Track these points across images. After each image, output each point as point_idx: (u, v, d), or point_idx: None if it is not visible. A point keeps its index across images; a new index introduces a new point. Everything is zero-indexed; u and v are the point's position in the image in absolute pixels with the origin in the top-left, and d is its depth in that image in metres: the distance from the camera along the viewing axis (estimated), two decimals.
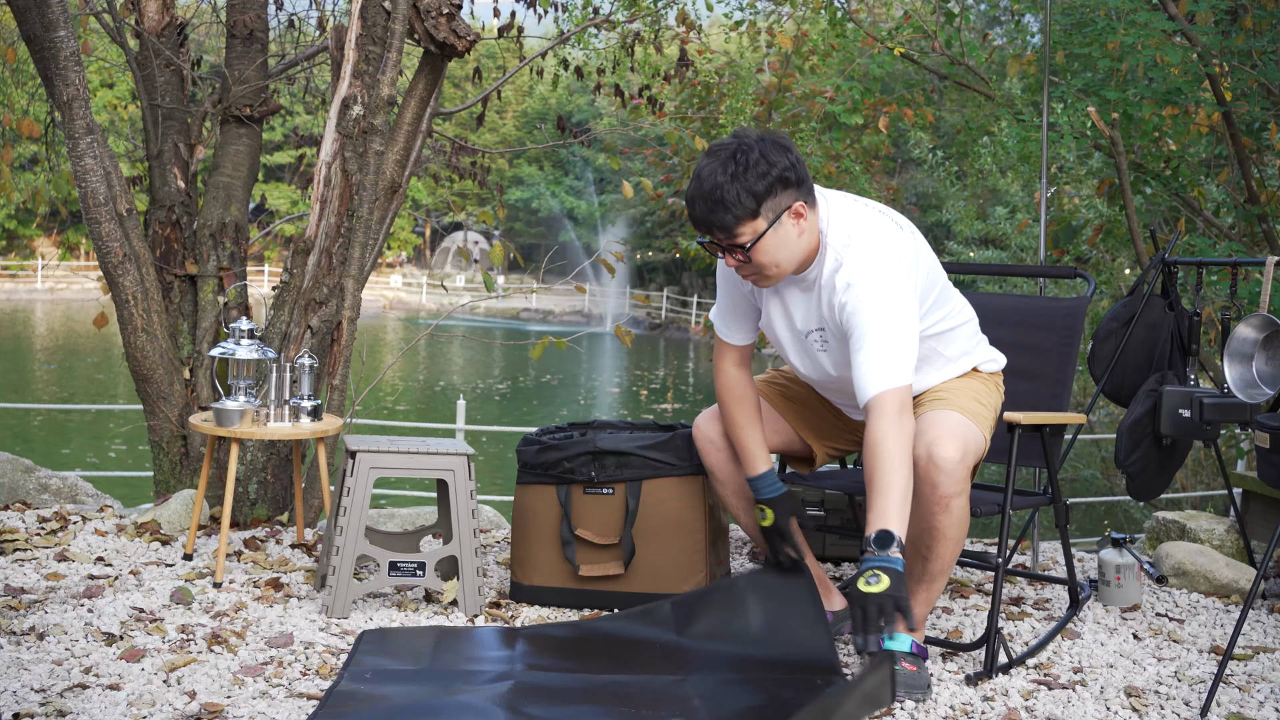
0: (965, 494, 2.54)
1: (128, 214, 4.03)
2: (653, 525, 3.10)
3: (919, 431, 2.57)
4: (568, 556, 3.13)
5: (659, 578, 3.09)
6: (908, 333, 2.47)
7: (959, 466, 2.51)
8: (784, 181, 2.42)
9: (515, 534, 3.23)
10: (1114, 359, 3.66)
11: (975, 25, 10.16)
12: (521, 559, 3.21)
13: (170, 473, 4.16)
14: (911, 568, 2.60)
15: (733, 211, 2.40)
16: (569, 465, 3.15)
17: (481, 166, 6.58)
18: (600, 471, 3.12)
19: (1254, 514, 4.12)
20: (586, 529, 3.14)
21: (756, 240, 2.44)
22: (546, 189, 36.28)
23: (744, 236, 2.43)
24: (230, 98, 4.37)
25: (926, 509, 2.53)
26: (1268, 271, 3.45)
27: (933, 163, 12.41)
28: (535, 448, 3.21)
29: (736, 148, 2.42)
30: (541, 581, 3.18)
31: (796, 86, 7.08)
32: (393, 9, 3.88)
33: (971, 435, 2.59)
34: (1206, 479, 8.04)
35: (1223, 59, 5.22)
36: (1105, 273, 8.11)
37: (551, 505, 3.17)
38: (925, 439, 2.54)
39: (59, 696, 2.41)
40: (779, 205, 2.43)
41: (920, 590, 2.64)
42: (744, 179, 2.39)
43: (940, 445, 2.52)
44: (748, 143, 2.43)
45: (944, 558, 2.58)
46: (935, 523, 2.54)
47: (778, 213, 2.43)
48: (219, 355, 3.43)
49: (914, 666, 2.56)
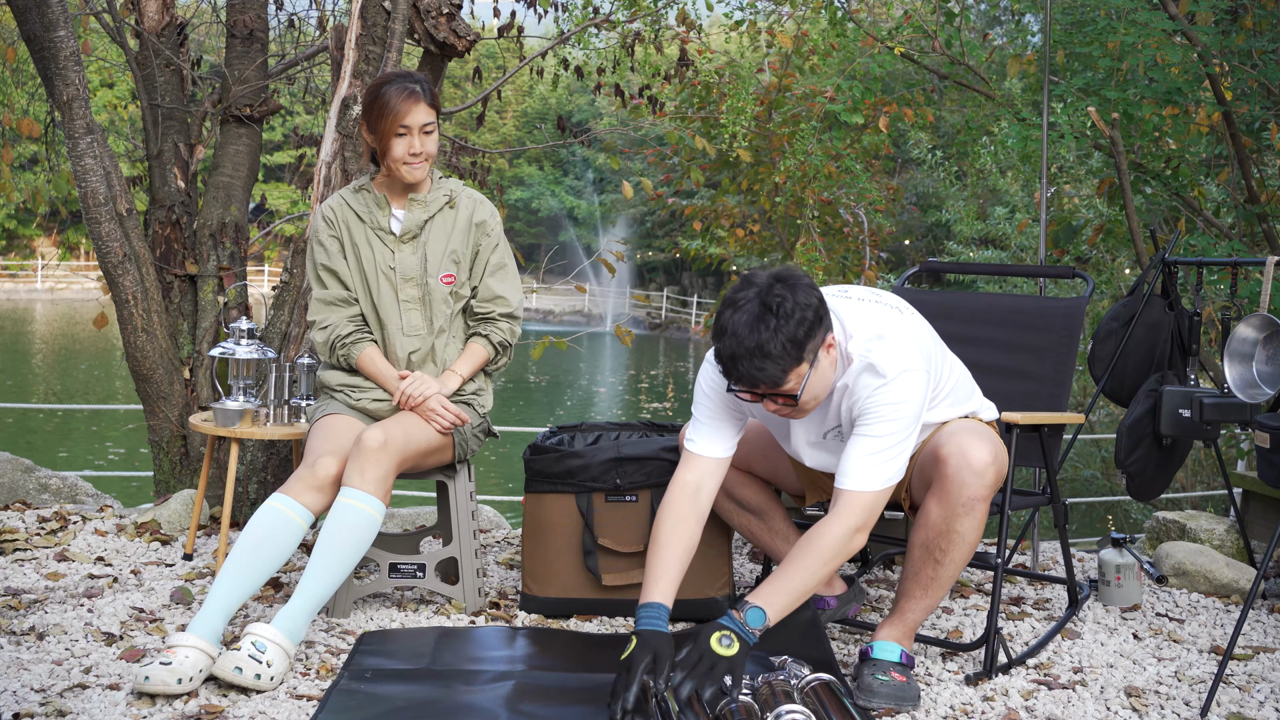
0: (988, 502, 2.53)
1: (128, 214, 4.04)
2: None
3: (949, 433, 2.57)
4: (590, 567, 3.05)
5: (684, 583, 2.99)
6: (904, 446, 2.47)
7: (990, 469, 2.51)
8: (819, 321, 2.38)
9: (527, 545, 3.13)
10: (1114, 359, 3.65)
11: (975, 25, 10.16)
12: (535, 570, 3.11)
13: (170, 473, 4.16)
14: (920, 571, 2.59)
15: (780, 364, 2.34)
16: (592, 473, 3.06)
17: (482, 166, 6.58)
18: (624, 478, 3.05)
19: (1254, 514, 4.12)
20: (609, 538, 3.06)
21: (803, 384, 2.39)
22: (546, 189, 36.27)
23: (791, 384, 2.38)
24: (230, 98, 4.37)
25: (950, 510, 2.52)
26: (1268, 271, 3.45)
27: (933, 163, 12.41)
28: (553, 455, 3.10)
29: (765, 298, 2.34)
30: (559, 593, 3.09)
31: (796, 86, 7.07)
32: (393, 9, 3.88)
33: (1000, 447, 2.59)
34: (1206, 479, 8.04)
35: (1223, 59, 5.22)
36: (1105, 273, 8.11)
37: (570, 514, 3.08)
38: (957, 440, 2.53)
39: (59, 696, 2.41)
40: (817, 345, 2.39)
41: (922, 596, 2.60)
42: (785, 330, 2.32)
43: (974, 446, 2.52)
44: (775, 291, 2.35)
45: (955, 563, 2.56)
46: (956, 525, 2.52)
47: (816, 352, 2.39)
48: (219, 355, 3.43)
49: (903, 677, 2.54)
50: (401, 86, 2.99)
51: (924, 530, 2.57)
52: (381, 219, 3.08)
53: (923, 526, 2.57)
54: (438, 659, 2.70)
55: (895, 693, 2.50)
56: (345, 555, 2.73)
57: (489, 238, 3.16)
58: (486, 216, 3.16)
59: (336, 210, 3.10)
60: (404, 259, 3.07)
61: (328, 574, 2.71)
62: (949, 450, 2.53)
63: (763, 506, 2.95)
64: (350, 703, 2.43)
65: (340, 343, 3.04)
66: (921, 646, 2.88)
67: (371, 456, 2.78)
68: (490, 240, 3.16)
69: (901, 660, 2.56)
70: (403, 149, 2.99)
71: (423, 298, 3.08)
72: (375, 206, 3.08)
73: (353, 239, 3.07)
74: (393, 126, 2.97)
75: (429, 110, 3.01)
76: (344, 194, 3.12)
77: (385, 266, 3.06)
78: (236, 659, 2.47)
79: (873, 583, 3.53)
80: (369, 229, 3.07)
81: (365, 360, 3.04)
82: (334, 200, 3.12)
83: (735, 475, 2.91)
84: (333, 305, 3.07)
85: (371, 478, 2.77)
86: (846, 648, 2.91)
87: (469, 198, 3.17)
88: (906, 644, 2.61)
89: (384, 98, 2.97)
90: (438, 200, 3.11)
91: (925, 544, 2.56)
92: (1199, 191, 6.24)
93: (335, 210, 3.10)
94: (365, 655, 2.71)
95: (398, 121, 2.96)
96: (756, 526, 2.96)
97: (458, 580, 3.12)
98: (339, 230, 3.08)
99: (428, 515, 4.14)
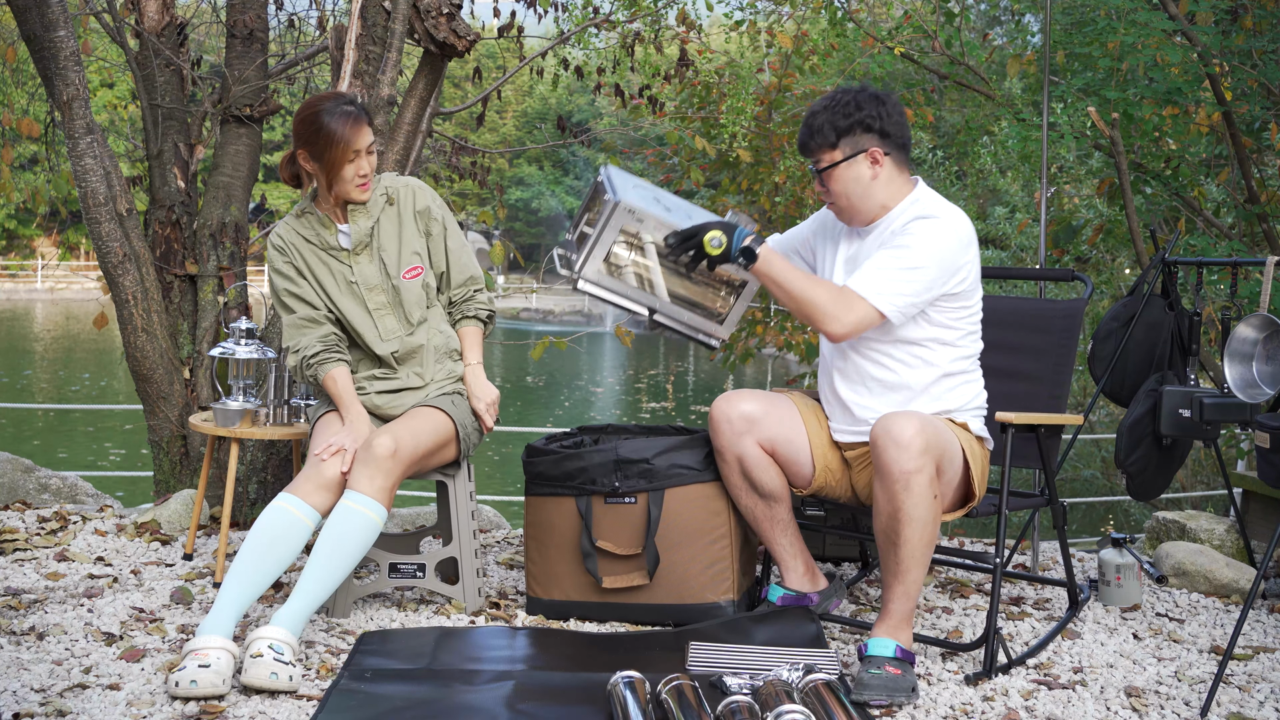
0: (925, 474, 2.55)
1: (128, 214, 4.04)
2: (677, 534, 3.01)
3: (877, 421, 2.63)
4: (589, 569, 3.04)
5: (684, 588, 3.00)
6: (920, 279, 2.72)
7: (916, 438, 2.54)
8: (865, 126, 2.77)
9: (530, 547, 3.13)
10: (1114, 359, 3.65)
11: (975, 25, 10.16)
12: (538, 574, 3.12)
13: (170, 473, 4.16)
14: (886, 560, 2.63)
15: (815, 139, 2.80)
16: (591, 475, 3.06)
17: (481, 166, 6.58)
18: (623, 481, 3.04)
19: (1254, 514, 4.12)
20: (608, 540, 3.05)
21: (831, 167, 2.79)
22: (546, 189, 36.26)
23: (822, 163, 2.80)
24: (230, 98, 4.37)
25: (890, 490, 2.56)
26: (1268, 271, 3.45)
27: (933, 163, 12.40)
28: (552, 457, 3.10)
29: (845, 90, 2.82)
30: (562, 596, 3.09)
31: (796, 86, 7.06)
32: (393, 9, 3.88)
33: (930, 424, 2.62)
34: (1206, 479, 8.04)
35: (1223, 59, 5.22)
36: (1105, 273, 8.10)
37: (570, 517, 3.07)
38: (883, 423, 2.61)
39: (59, 696, 2.41)
40: (857, 144, 2.78)
41: (895, 584, 2.62)
42: (831, 113, 2.78)
43: (897, 422, 2.58)
44: (855, 89, 2.81)
45: (912, 543, 2.57)
46: (899, 504, 2.56)
47: (855, 150, 2.78)
48: (219, 355, 3.43)
49: (898, 670, 2.54)
50: (343, 113, 2.94)
51: (877, 518, 2.63)
52: (330, 238, 3.08)
53: (876, 514, 2.63)
54: (438, 659, 2.70)
55: (888, 684, 2.50)
56: (346, 558, 2.73)
57: (436, 223, 3.15)
58: (428, 202, 3.15)
59: (285, 237, 3.09)
60: (363, 269, 3.07)
61: (328, 576, 2.71)
62: (875, 432, 2.61)
63: (774, 493, 2.95)
64: (350, 703, 2.43)
65: (307, 363, 3.04)
66: (921, 646, 2.88)
67: (381, 464, 2.79)
68: (439, 225, 3.16)
69: (896, 655, 2.57)
70: (353, 172, 2.98)
71: (392, 301, 3.09)
72: (321, 227, 3.08)
73: (307, 263, 3.07)
74: (344, 155, 2.94)
75: (370, 129, 2.99)
76: (288, 222, 3.11)
77: (346, 282, 3.07)
78: (269, 665, 2.48)
79: (873, 583, 3.54)
80: (320, 250, 3.08)
81: (329, 381, 3.03)
82: (281, 228, 3.11)
83: (758, 455, 2.91)
84: (303, 327, 3.06)
85: (379, 485, 2.78)
86: (846, 648, 2.91)
87: (404, 187, 3.15)
88: (900, 638, 2.61)
89: (328, 128, 2.92)
90: (377, 203, 3.10)
91: (882, 530, 2.62)
92: (1199, 191, 6.24)
93: (284, 237, 3.09)
94: (365, 655, 2.71)
95: (350, 149, 2.94)
96: (761, 511, 2.97)
97: (458, 580, 3.12)
98: (292, 256, 3.08)
99: (428, 515, 4.15)
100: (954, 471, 2.74)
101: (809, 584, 3.00)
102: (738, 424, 2.90)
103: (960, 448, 2.76)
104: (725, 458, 2.95)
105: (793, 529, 2.99)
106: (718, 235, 2.68)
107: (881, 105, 2.80)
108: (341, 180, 2.98)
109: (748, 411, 2.91)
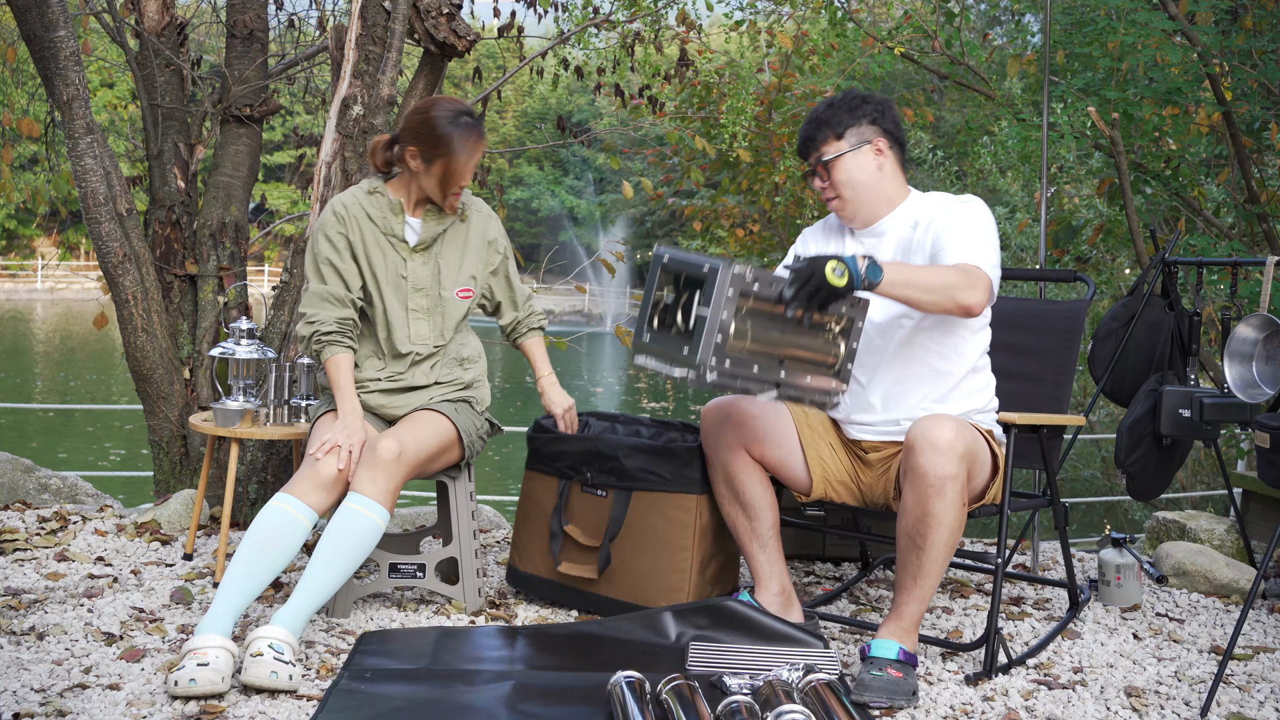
0: (959, 480, 2.53)
1: (128, 214, 4.03)
2: (638, 536, 3.01)
3: (915, 423, 2.60)
4: (552, 550, 3.12)
5: (637, 589, 3.00)
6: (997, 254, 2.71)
7: (955, 443, 2.52)
8: (870, 117, 2.84)
9: (518, 518, 3.26)
10: (1114, 359, 3.65)
11: (975, 25, 10.16)
12: (520, 544, 3.24)
13: (170, 473, 4.16)
14: (907, 561, 2.60)
15: (820, 132, 2.85)
16: (571, 461, 3.13)
17: (482, 166, 6.57)
18: (595, 474, 3.08)
19: (1254, 514, 4.12)
20: (575, 526, 3.11)
21: (836, 157, 2.82)
22: (546, 189, 36.27)
23: (827, 153, 2.83)
24: (230, 98, 4.37)
25: (922, 493, 2.54)
26: (1268, 271, 3.45)
27: (933, 163, 12.40)
28: (547, 437, 3.20)
29: (846, 90, 2.93)
30: (533, 570, 3.19)
31: (796, 86, 7.06)
32: (393, 9, 3.88)
33: (966, 429, 2.59)
34: (1206, 479, 8.04)
35: (1223, 59, 5.22)
36: (1105, 273, 8.10)
37: (551, 496, 3.17)
38: (920, 425, 2.58)
39: (59, 696, 2.41)
40: (862, 134, 2.83)
41: (912, 587, 2.60)
42: (835, 108, 2.86)
43: (935, 426, 2.55)
44: (858, 89, 2.95)
45: (938, 547, 2.55)
46: (930, 507, 2.53)
47: (860, 140, 2.83)
48: (219, 355, 3.43)
49: (899, 673, 2.53)
50: (466, 126, 2.96)
51: (903, 519, 2.60)
52: (396, 226, 3.05)
53: (902, 515, 2.60)
54: (438, 659, 2.70)
55: (888, 687, 2.49)
56: (348, 560, 2.73)
57: (499, 255, 3.21)
58: (496, 234, 3.21)
59: (349, 208, 3.04)
60: (416, 269, 3.06)
61: (329, 577, 2.71)
62: (912, 435, 2.57)
63: (756, 505, 2.89)
64: (350, 703, 2.43)
65: (319, 337, 3.00)
66: (922, 646, 2.88)
67: (385, 468, 2.79)
68: (500, 258, 3.22)
69: (899, 657, 2.56)
70: (456, 184, 3.00)
71: (433, 308, 3.07)
72: (390, 212, 3.05)
73: (364, 241, 3.04)
74: (461, 170, 2.97)
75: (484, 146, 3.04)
76: (357, 194, 3.07)
77: (397, 275, 3.05)
78: (268, 665, 2.48)
79: (874, 583, 3.54)
80: (381, 233, 3.05)
81: (332, 365, 3.00)
82: (346, 198, 3.06)
83: (743, 461, 2.88)
84: (326, 301, 3.03)
85: (383, 488, 2.78)
86: (847, 648, 2.91)
87: (478, 211, 3.17)
88: (906, 641, 2.60)
89: (451, 138, 2.93)
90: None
91: (906, 532, 2.59)
92: (1199, 191, 6.24)
93: (348, 208, 3.04)
94: (365, 655, 2.71)
95: (468, 164, 2.97)
96: (742, 524, 2.92)
97: (458, 580, 3.12)
98: (349, 228, 3.04)
99: (428, 515, 4.15)
100: (981, 479, 2.73)
101: (780, 608, 2.91)
102: (726, 430, 2.89)
103: (991, 454, 2.77)
104: (712, 463, 2.94)
105: (773, 548, 2.91)
106: (835, 265, 2.43)
107: (883, 105, 2.87)
108: (443, 187, 2.99)
109: (737, 418, 2.88)
